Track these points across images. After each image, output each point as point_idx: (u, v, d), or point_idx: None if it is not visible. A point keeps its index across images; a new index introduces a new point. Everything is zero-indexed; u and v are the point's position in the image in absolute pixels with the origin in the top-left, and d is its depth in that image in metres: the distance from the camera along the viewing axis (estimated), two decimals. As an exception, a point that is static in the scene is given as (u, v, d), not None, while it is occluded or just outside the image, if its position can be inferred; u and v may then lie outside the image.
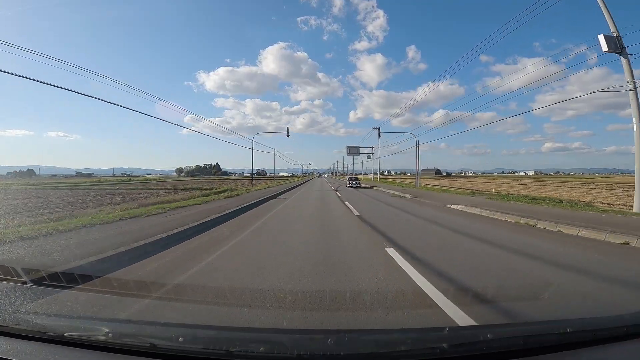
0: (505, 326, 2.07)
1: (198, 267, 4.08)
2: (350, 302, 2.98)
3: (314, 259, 4.45)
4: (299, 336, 1.45)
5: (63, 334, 1.27)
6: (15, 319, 1.50)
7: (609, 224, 6.80)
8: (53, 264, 3.58)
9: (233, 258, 4.64)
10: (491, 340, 1.22)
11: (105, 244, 4.75)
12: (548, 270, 4.05)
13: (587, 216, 8.33)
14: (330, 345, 1.20)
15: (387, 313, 2.65)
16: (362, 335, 1.47)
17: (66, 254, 4.11)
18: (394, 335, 1.46)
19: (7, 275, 3.03)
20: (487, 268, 4.09)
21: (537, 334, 1.35)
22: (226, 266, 4.17)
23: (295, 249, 5.20)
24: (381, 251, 4.95)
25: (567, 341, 1.27)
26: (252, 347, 1.19)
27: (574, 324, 1.41)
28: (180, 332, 1.29)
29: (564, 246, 5.39)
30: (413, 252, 4.81)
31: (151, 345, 1.21)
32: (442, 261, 4.33)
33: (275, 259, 4.48)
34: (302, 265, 4.09)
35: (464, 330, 1.71)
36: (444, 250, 5.15)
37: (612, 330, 1.35)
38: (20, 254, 4.12)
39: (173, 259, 4.52)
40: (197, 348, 1.21)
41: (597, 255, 4.81)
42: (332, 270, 3.89)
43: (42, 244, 4.68)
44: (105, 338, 1.24)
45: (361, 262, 4.34)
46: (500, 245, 5.43)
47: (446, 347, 1.17)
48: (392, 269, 3.99)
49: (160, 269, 3.98)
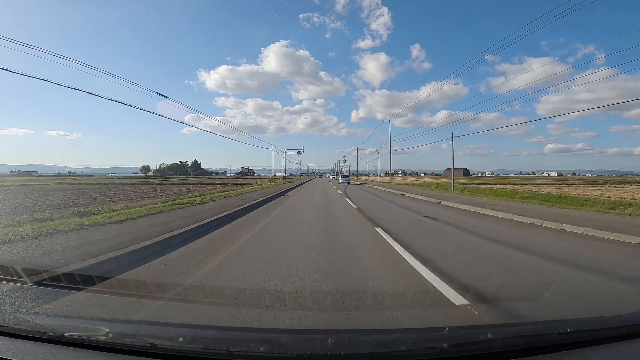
0: (506, 326, 2.07)
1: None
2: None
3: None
4: (299, 336, 1.45)
5: (63, 334, 1.27)
6: (16, 319, 1.49)
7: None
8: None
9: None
10: (491, 340, 1.22)
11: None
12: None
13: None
14: (331, 345, 1.19)
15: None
16: (362, 335, 1.47)
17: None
18: (394, 335, 1.46)
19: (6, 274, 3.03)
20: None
21: (538, 333, 1.35)
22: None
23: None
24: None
25: (567, 341, 1.27)
26: (252, 347, 1.19)
27: (574, 323, 1.41)
28: (180, 332, 1.29)
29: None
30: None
31: (151, 345, 1.20)
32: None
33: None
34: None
35: (464, 330, 1.70)
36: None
37: (612, 330, 1.35)
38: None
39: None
40: (197, 348, 1.21)
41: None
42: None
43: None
44: (105, 338, 1.24)
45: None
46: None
47: (446, 347, 1.17)
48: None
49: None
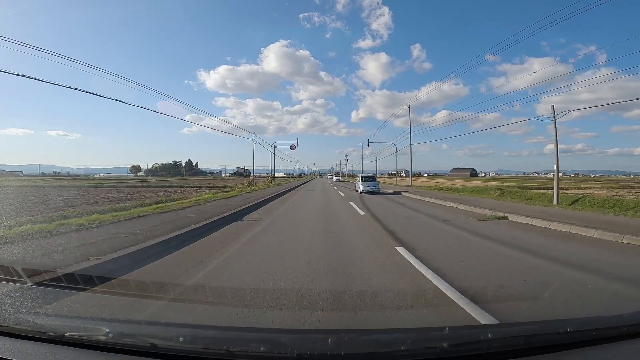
0: (506, 326, 2.07)
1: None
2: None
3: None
4: (299, 336, 1.45)
5: (63, 334, 1.27)
6: (16, 319, 1.49)
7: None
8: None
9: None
10: (492, 340, 1.22)
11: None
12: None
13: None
14: (331, 345, 1.19)
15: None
16: (363, 335, 1.47)
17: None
18: (394, 335, 1.46)
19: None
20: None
21: (538, 333, 1.35)
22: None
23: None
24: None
25: (567, 341, 1.27)
26: (253, 347, 1.19)
27: (574, 323, 1.41)
28: (180, 332, 1.29)
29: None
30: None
31: (151, 345, 1.20)
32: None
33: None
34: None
35: (465, 330, 1.70)
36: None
37: (612, 330, 1.35)
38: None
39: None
40: (198, 348, 1.21)
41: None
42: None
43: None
44: (105, 338, 1.24)
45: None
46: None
47: (446, 347, 1.17)
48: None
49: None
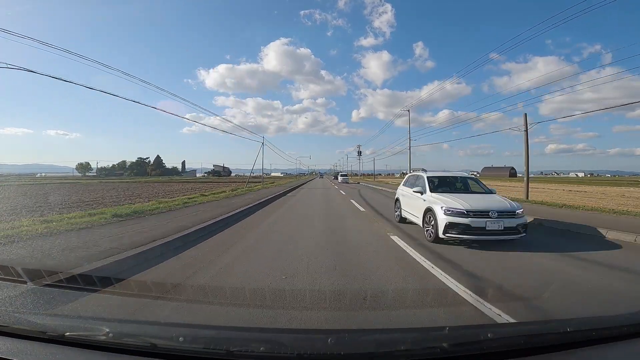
0: (506, 326, 2.07)
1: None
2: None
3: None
4: (299, 336, 1.45)
5: (63, 334, 1.26)
6: (16, 318, 1.49)
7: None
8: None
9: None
10: (492, 340, 1.22)
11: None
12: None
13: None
14: (331, 345, 1.19)
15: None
16: (363, 335, 1.47)
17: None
18: (394, 334, 1.46)
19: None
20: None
21: (538, 333, 1.35)
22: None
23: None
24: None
25: (567, 341, 1.27)
26: (253, 347, 1.19)
27: (574, 323, 1.41)
28: (180, 332, 1.29)
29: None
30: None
31: (151, 345, 1.20)
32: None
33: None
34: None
35: (465, 330, 1.70)
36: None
37: (612, 330, 1.35)
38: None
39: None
40: (198, 348, 1.21)
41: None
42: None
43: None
44: (105, 338, 1.24)
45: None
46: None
47: (447, 347, 1.17)
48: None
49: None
